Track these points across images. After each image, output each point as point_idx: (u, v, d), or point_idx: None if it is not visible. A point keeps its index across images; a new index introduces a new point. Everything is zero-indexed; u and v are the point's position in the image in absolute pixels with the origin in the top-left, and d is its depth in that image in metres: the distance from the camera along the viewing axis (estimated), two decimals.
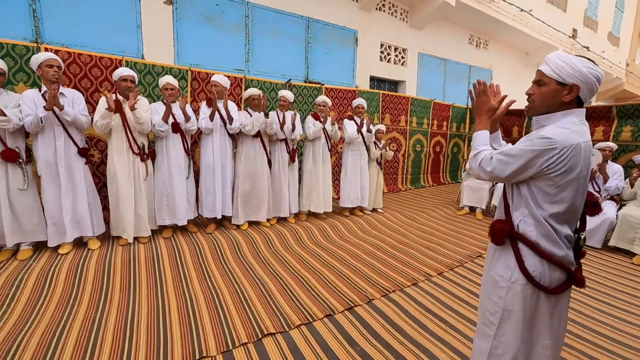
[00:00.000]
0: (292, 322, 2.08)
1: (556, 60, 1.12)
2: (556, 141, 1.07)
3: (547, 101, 1.16)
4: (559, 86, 1.13)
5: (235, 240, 3.27)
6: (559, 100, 1.14)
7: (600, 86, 1.14)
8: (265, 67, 5.14)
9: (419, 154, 6.92)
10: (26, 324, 1.97)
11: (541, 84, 1.16)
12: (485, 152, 1.24)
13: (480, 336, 1.32)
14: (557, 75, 1.11)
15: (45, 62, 2.62)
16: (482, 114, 1.32)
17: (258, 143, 3.62)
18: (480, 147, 1.27)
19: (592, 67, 1.10)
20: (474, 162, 1.25)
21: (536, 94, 1.18)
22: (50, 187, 2.72)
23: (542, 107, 1.18)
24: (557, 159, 1.07)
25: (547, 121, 1.17)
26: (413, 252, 3.31)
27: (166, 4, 4.26)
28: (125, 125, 2.95)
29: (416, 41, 7.25)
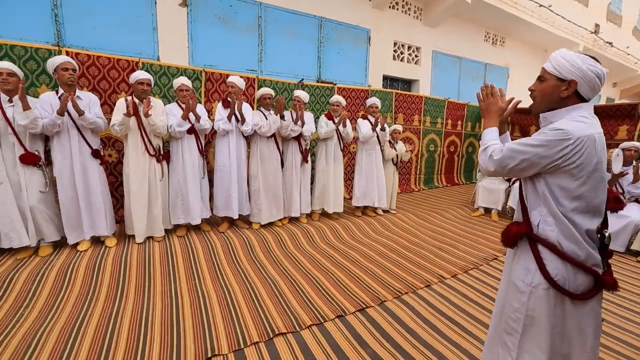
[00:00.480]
0: (303, 322, 2.08)
1: (557, 57, 1.15)
2: (570, 132, 1.06)
3: (547, 97, 1.17)
4: (559, 82, 1.14)
5: (248, 239, 3.29)
6: (557, 96, 1.15)
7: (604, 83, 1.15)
8: (278, 67, 5.16)
9: (432, 154, 6.82)
10: (46, 317, 2.04)
11: (542, 79, 1.18)
12: (495, 145, 1.23)
13: (499, 345, 1.27)
14: (557, 72, 1.13)
15: (61, 66, 2.70)
16: (492, 114, 1.32)
17: (272, 143, 3.64)
18: (490, 141, 1.25)
19: (593, 64, 1.11)
20: (484, 156, 1.23)
21: (537, 89, 1.20)
22: (66, 187, 2.80)
23: (542, 103, 1.20)
24: (571, 150, 1.05)
25: (555, 117, 1.17)
26: (426, 254, 3.26)
27: (181, 6, 4.33)
28: (141, 128, 3.01)
29: (430, 39, 7.14)
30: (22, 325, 1.95)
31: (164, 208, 3.23)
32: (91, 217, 2.91)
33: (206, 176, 3.49)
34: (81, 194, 2.83)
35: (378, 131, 4.15)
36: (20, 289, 2.29)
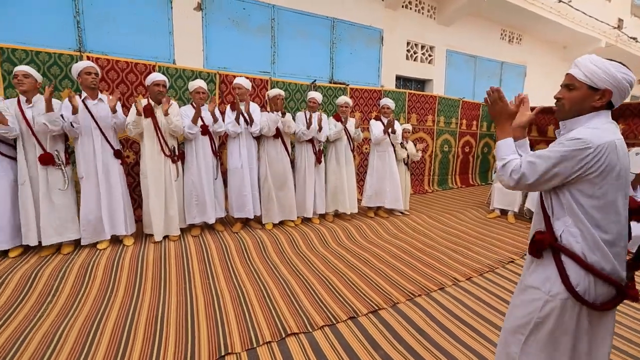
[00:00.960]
0: (315, 323, 2.08)
1: (588, 64, 1.08)
2: (589, 141, 1.02)
3: (577, 106, 1.12)
4: (591, 91, 1.09)
5: (261, 239, 3.32)
6: (589, 105, 1.11)
7: None
8: (290, 68, 5.20)
9: (446, 154, 6.72)
10: (68, 313, 2.11)
11: (571, 88, 1.13)
12: (514, 160, 1.17)
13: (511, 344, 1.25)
14: (589, 80, 1.08)
15: (84, 70, 2.80)
16: (502, 121, 1.26)
17: (279, 144, 3.66)
18: (508, 156, 1.19)
19: (626, 72, 1.07)
20: (504, 173, 1.17)
21: (566, 98, 1.14)
22: (89, 186, 2.90)
23: (571, 112, 1.14)
24: (592, 159, 1.02)
25: (575, 124, 1.13)
26: (440, 256, 3.21)
27: (196, 10, 4.42)
28: (157, 129, 3.08)
29: (444, 38, 7.04)
30: (45, 321, 2.03)
31: (179, 208, 3.30)
32: (112, 217, 3.01)
33: (220, 177, 3.55)
34: (103, 193, 2.93)
35: (390, 133, 4.12)
36: (44, 285, 2.38)
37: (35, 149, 2.72)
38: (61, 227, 2.84)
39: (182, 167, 3.37)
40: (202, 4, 4.45)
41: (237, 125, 3.42)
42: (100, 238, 2.98)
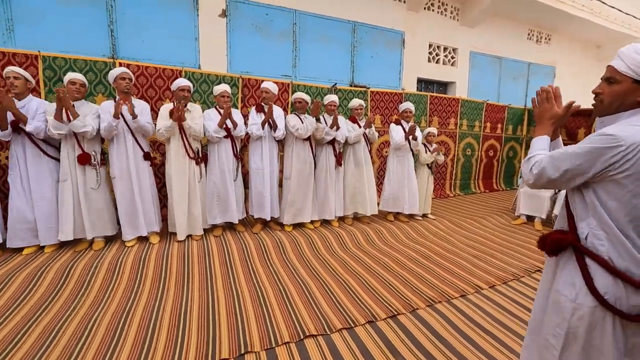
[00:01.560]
0: (333, 325, 2.09)
1: (633, 55, 0.99)
2: (621, 138, 0.95)
3: (618, 101, 1.03)
4: (635, 85, 1.00)
5: (280, 241, 3.37)
6: (632, 100, 1.02)
7: None
8: (311, 72, 5.25)
9: (469, 158, 6.55)
10: (99, 306, 2.23)
11: (612, 81, 1.04)
12: (539, 155, 1.12)
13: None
14: (634, 72, 0.99)
15: (119, 76, 2.97)
16: (545, 121, 1.20)
17: (307, 146, 3.70)
18: (536, 151, 1.15)
19: None
20: (526, 166, 1.14)
21: (606, 92, 1.06)
22: (121, 186, 3.06)
23: (612, 108, 1.06)
24: (621, 158, 0.95)
25: (615, 121, 1.05)
26: (462, 262, 3.14)
27: (220, 17, 4.56)
28: (182, 132, 3.20)
29: (468, 40, 6.89)
30: (78, 312, 2.15)
31: (202, 208, 3.40)
32: (141, 215, 3.14)
33: (240, 178, 3.62)
34: (134, 193, 3.07)
35: (410, 139, 4.08)
36: (77, 278, 2.52)
37: (74, 150, 2.89)
38: (95, 224, 3.00)
39: (205, 169, 3.47)
40: (227, 11, 4.58)
41: (261, 129, 3.49)
42: (128, 235, 3.11)
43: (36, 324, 2.01)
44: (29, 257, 2.79)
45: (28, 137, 2.79)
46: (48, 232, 2.91)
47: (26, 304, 2.22)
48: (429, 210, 4.52)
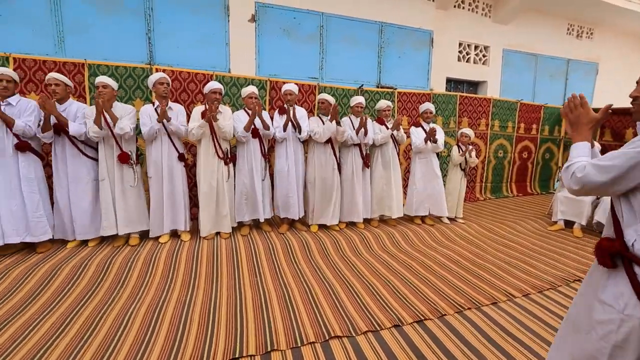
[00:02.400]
0: (359, 327, 2.08)
1: None
2: None
3: None
4: None
5: (306, 241, 3.40)
6: None
7: None
8: (338, 73, 5.26)
9: (501, 160, 6.29)
10: (135, 298, 2.35)
11: None
12: (580, 162, 1.07)
13: None
14: None
15: (158, 81, 3.12)
16: (582, 126, 1.14)
17: (329, 149, 3.72)
18: (576, 157, 1.10)
19: None
20: (566, 174, 1.10)
21: None
22: (156, 185, 3.22)
23: None
24: None
25: None
26: (493, 269, 3.02)
27: (250, 22, 4.68)
28: (212, 133, 3.31)
29: (500, 37, 6.62)
30: (117, 304, 2.28)
31: (230, 207, 3.50)
32: (174, 213, 3.29)
33: (267, 178, 3.69)
34: (167, 192, 3.22)
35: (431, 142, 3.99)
36: (116, 273, 2.68)
37: (113, 150, 3.08)
38: (131, 220, 3.18)
39: (234, 169, 3.57)
40: (256, 16, 4.70)
41: (284, 132, 3.54)
42: (163, 232, 3.27)
43: (79, 314, 2.15)
44: (73, 251, 3.00)
45: (68, 138, 2.98)
46: (88, 228, 3.11)
47: (70, 294, 2.39)
48: (460, 214, 4.38)
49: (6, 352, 1.79)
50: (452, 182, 4.36)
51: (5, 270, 2.60)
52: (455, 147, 4.31)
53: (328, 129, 3.54)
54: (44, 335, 1.93)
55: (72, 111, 3.00)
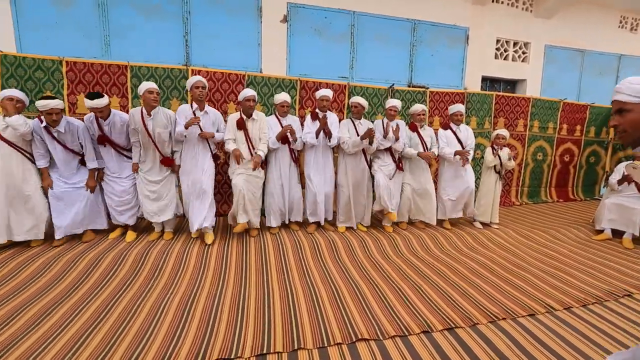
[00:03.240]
0: (386, 331, 2.05)
1: (629, 85, 1.09)
2: None
3: None
4: None
5: (333, 242, 3.39)
6: None
7: None
8: (368, 73, 5.21)
9: (540, 163, 5.94)
10: (168, 290, 2.46)
11: (624, 111, 1.10)
12: None
13: None
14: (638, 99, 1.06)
15: (194, 84, 3.19)
16: None
17: (359, 154, 3.69)
18: None
19: None
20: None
21: (623, 123, 1.10)
22: (190, 184, 3.29)
23: (637, 133, 1.09)
24: None
25: None
26: (530, 278, 2.85)
27: (282, 22, 4.75)
28: (247, 139, 3.36)
29: (543, 32, 6.25)
30: (152, 295, 2.40)
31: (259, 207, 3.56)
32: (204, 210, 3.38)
33: (297, 180, 3.72)
34: (198, 191, 3.31)
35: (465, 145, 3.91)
36: (151, 265, 2.81)
37: (155, 154, 3.20)
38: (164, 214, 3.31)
39: (265, 172, 3.62)
40: (288, 16, 4.76)
41: (315, 139, 3.53)
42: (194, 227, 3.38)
43: (118, 303, 2.29)
44: (114, 242, 3.19)
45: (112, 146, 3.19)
46: (129, 220, 3.31)
47: (110, 284, 2.55)
48: (496, 219, 4.19)
49: (57, 331, 1.93)
50: (486, 185, 4.17)
51: (56, 257, 2.82)
52: (489, 149, 4.13)
53: (355, 145, 3.51)
54: (88, 320, 2.07)
55: (117, 123, 3.12)
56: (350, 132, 3.64)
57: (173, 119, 3.23)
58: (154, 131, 3.10)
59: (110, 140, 3.14)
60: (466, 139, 4.01)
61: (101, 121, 3.08)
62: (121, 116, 3.18)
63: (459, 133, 4.01)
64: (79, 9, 4.04)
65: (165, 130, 3.17)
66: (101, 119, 3.07)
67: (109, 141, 3.14)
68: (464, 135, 4.02)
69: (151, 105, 3.06)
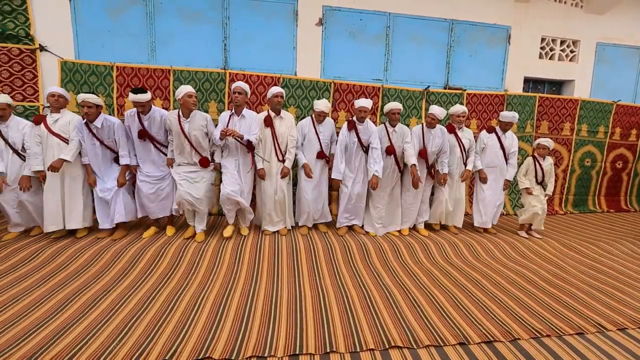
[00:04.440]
0: (420, 340, 1.99)
1: None
2: None
3: None
4: None
5: (364, 245, 3.36)
6: None
7: None
8: (403, 75, 5.11)
9: (588, 170, 5.54)
10: (204, 286, 2.55)
11: None
12: None
13: None
14: None
15: (233, 89, 3.24)
16: None
17: (392, 160, 3.63)
18: None
19: None
20: None
21: None
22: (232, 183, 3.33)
23: None
24: None
25: None
26: (578, 294, 2.66)
27: (317, 25, 4.78)
28: (274, 137, 3.41)
29: (594, 29, 5.81)
30: (189, 290, 2.50)
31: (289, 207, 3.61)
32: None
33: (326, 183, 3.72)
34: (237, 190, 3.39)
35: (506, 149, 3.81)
36: (188, 261, 2.93)
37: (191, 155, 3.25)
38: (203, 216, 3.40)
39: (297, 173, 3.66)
40: (323, 19, 4.79)
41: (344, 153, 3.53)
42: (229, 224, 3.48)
43: (158, 296, 2.41)
44: (153, 238, 3.35)
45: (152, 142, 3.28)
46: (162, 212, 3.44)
47: (150, 278, 2.69)
48: (541, 227, 3.96)
49: (105, 318, 2.07)
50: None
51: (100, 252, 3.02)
52: (529, 159, 3.91)
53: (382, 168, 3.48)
54: (132, 310, 2.19)
55: (157, 118, 3.22)
56: (381, 142, 3.56)
57: (209, 121, 3.28)
58: (190, 133, 3.15)
59: (150, 135, 3.23)
60: (510, 147, 3.87)
61: (142, 116, 3.18)
62: (161, 112, 3.27)
63: (504, 140, 3.85)
64: (129, 17, 4.32)
65: (202, 132, 3.21)
66: (142, 114, 3.17)
67: (149, 136, 3.22)
68: (508, 142, 3.87)
69: (190, 108, 3.13)
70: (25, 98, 4.05)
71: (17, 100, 4.00)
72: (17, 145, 3.19)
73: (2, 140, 3.17)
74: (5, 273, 2.64)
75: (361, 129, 3.50)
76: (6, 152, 3.19)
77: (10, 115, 3.22)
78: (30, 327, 1.98)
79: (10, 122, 3.20)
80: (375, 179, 3.39)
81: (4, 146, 3.18)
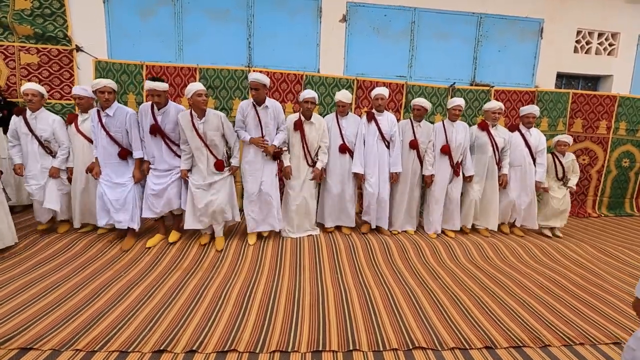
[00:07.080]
0: (445, 342, 1.96)
1: None
2: None
3: None
4: None
5: (387, 244, 3.33)
6: None
7: None
8: (428, 71, 5.00)
9: (625, 170, 5.22)
10: (226, 284, 2.59)
11: None
12: None
13: None
14: None
15: (251, 84, 3.06)
16: None
17: (414, 155, 3.58)
18: None
19: None
20: None
21: None
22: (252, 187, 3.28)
23: None
24: None
25: None
26: (614, 302, 2.53)
27: (341, 22, 4.75)
28: (303, 141, 3.35)
29: (636, 21, 5.45)
30: (212, 285, 2.56)
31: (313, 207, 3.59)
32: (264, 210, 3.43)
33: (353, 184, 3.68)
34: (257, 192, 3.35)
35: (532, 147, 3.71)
36: (210, 260, 2.99)
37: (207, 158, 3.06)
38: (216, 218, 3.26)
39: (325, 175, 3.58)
40: (347, 15, 4.75)
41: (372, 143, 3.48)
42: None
43: (182, 292, 2.49)
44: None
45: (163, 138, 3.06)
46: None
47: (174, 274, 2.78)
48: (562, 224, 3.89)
49: (134, 309, 2.17)
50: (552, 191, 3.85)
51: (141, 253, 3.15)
52: (549, 157, 3.80)
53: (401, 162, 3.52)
54: (159, 303, 2.29)
55: (171, 112, 3.03)
56: (405, 135, 3.52)
57: (224, 120, 3.09)
58: (205, 134, 2.98)
59: (162, 130, 3.01)
60: (537, 145, 3.70)
61: (156, 110, 2.99)
62: (177, 108, 3.09)
63: (529, 137, 3.69)
64: (158, 18, 4.46)
65: (217, 132, 3.03)
66: (156, 109, 2.99)
67: (160, 132, 3.01)
68: (534, 140, 3.70)
69: (201, 108, 2.92)
70: (62, 97, 4.27)
71: (55, 99, 4.23)
72: (44, 138, 3.16)
73: (29, 131, 3.13)
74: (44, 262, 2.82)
75: (381, 119, 3.46)
76: (31, 143, 3.16)
77: (41, 107, 3.19)
78: (69, 313, 2.11)
79: (40, 113, 3.17)
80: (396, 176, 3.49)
81: (30, 138, 3.15)
